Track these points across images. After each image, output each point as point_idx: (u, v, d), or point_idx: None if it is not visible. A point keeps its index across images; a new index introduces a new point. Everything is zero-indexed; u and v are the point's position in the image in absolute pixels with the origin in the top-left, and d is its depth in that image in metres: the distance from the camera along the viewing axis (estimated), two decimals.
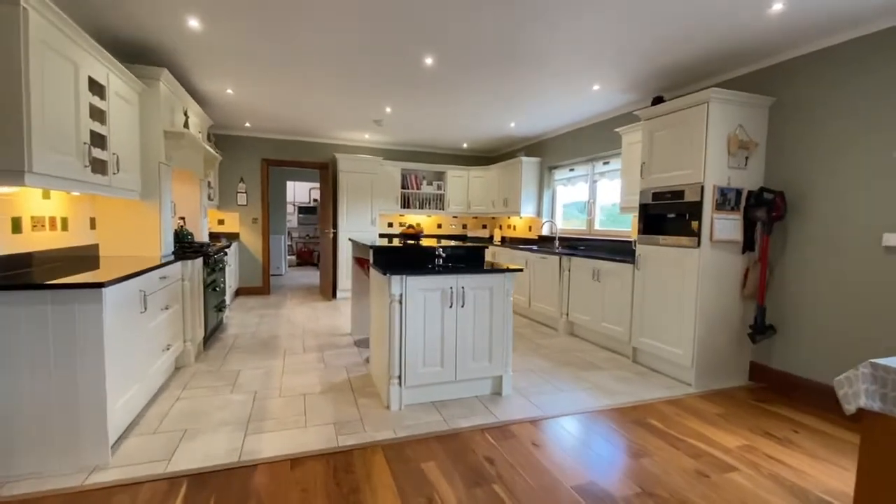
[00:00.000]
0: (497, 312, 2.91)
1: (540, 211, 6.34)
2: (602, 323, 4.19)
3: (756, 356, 3.41)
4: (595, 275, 4.27)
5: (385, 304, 2.76)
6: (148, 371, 2.63)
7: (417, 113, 5.11)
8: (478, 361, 2.90)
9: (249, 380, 3.18)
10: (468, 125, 5.67)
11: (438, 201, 7.31)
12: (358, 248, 4.38)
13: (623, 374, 3.48)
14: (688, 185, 3.26)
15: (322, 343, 4.17)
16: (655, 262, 3.55)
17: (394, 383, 2.71)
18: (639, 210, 3.72)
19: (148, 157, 3.31)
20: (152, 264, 2.74)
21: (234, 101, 4.83)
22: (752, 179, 3.31)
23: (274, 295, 6.79)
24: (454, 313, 2.81)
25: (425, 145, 7.16)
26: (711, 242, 3.19)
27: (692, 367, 3.24)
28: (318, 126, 5.96)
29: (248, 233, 6.68)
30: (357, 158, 6.41)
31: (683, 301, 3.30)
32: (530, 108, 4.83)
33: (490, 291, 2.89)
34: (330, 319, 5.16)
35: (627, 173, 4.29)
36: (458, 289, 2.80)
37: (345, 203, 6.39)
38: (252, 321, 5.01)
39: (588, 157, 5.43)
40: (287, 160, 6.74)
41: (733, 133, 3.20)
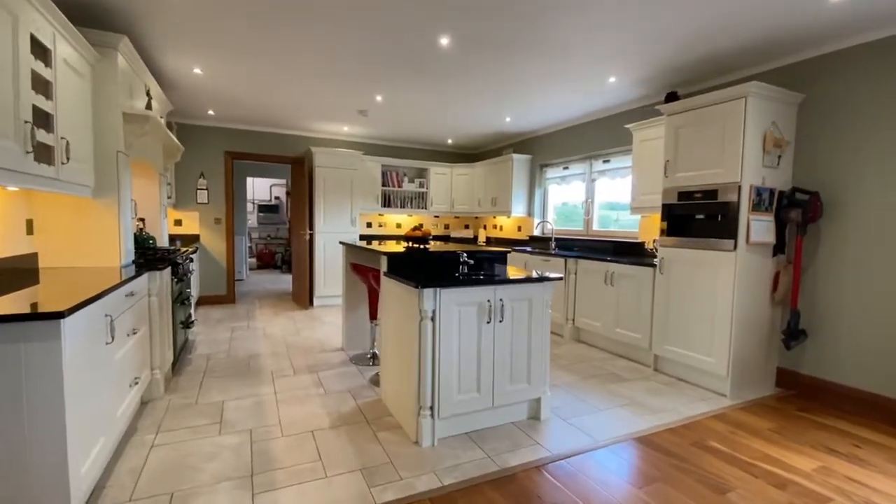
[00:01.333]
0: (536, 326, 2.57)
1: (531, 211, 6.08)
2: (616, 329, 3.97)
3: (784, 362, 3.30)
4: (608, 278, 4.04)
5: (413, 322, 2.34)
6: (115, 416, 2.06)
7: (410, 103, 4.68)
8: (515, 384, 2.55)
9: (238, 414, 2.65)
10: (460, 118, 5.30)
11: (420, 200, 6.89)
12: (356, 253, 3.89)
13: (652, 386, 3.25)
14: (722, 184, 3.07)
15: (313, 362, 3.66)
16: (683, 265, 3.35)
17: (425, 415, 2.30)
18: (662, 210, 3.51)
19: (104, 145, 2.68)
20: (113, 278, 2.16)
21: (200, 84, 4.17)
22: (782, 179, 3.19)
23: (241, 304, 6.10)
24: (491, 330, 2.44)
25: (407, 140, 6.71)
26: (747, 245, 3.02)
27: (727, 377, 3.06)
28: (293, 116, 5.37)
29: (210, 234, 5.95)
30: (336, 153, 5.87)
31: (717, 307, 3.11)
32: (532, 101, 4.53)
33: (529, 303, 2.54)
34: (314, 332, 4.61)
35: (640, 172, 4.09)
36: (496, 302, 2.43)
37: (322, 201, 5.83)
38: (223, 337, 4.37)
39: (586, 155, 5.23)
40: (254, 153, 6.07)
41: (769, 130, 3.04)
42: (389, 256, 2.71)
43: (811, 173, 3.13)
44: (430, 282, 2.24)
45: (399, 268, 2.74)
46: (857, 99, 2.91)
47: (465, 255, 2.74)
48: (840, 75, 2.99)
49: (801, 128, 3.19)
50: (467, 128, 5.79)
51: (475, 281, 2.35)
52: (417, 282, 2.22)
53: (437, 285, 2.24)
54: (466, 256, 2.74)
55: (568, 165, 5.56)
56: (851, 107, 2.94)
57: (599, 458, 2.23)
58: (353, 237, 6.03)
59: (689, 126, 3.30)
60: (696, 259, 3.24)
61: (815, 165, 3.11)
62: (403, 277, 2.38)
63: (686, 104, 3.29)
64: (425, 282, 2.22)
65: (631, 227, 4.72)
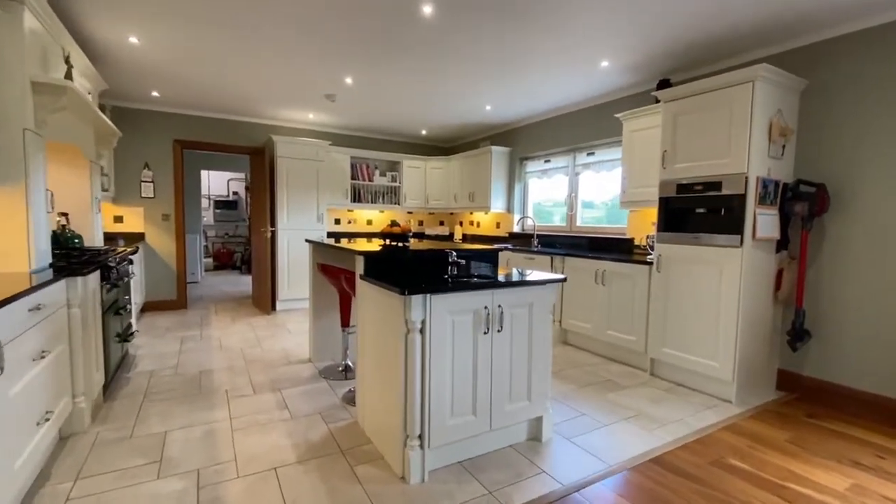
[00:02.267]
0: (537, 335, 2.25)
1: (510, 206, 5.79)
2: (608, 331, 3.73)
3: (784, 363, 3.13)
4: (598, 277, 3.79)
5: (397, 334, 1.96)
6: (12, 470, 1.58)
7: (384, 87, 4.26)
8: (516, 402, 2.22)
9: (184, 449, 2.19)
10: (438, 107, 4.93)
11: (393, 195, 6.47)
12: (324, 252, 3.46)
13: (653, 394, 3.01)
14: (727, 175, 2.85)
15: (276, 377, 3.21)
16: (682, 263, 3.12)
17: (413, 446, 1.93)
18: (658, 204, 3.28)
19: (6, 119, 2.15)
20: (15, 287, 1.67)
21: (139, 58, 3.61)
22: (785, 171, 3.01)
23: (193, 309, 5.50)
24: (489, 341, 2.09)
25: (379, 131, 6.27)
26: (753, 241, 2.82)
27: (733, 383, 2.85)
28: (251, 101, 4.84)
29: (158, 233, 5.32)
30: (300, 142, 5.36)
31: (721, 308, 2.90)
32: (517, 87, 4.22)
33: (530, 309, 2.22)
34: (277, 341, 4.14)
35: (630, 164, 3.86)
36: (493, 308, 2.08)
37: (285, 196, 5.32)
38: (171, 349, 3.83)
39: (569, 148, 4.98)
40: (208, 142, 5.47)
41: (775, 118, 2.85)
42: (366, 256, 2.32)
43: (814, 164, 2.97)
44: (418, 287, 1.87)
45: (377, 270, 2.35)
46: (861, 86, 2.76)
47: (454, 255, 2.38)
48: (843, 61, 2.83)
49: (803, 116, 3.02)
50: (444, 118, 5.42)
51: (471, 285, 1.99)
52: (403, 287, 1.84)
53: (426, 290, 1.87)
54: (456, 255, 2.38)
55: (549, 158, 5.30)
56: (855, 94, 2.78)
57: (615, 487, 1.93)
58: (319, 235, 5.55)
59: (689, 113, 3.07)
60: (698, 256, 3.02)
61: (819, 156, 2.95)
62: (385, 281, 2.00)
63: (687, 89, 3.05)
64: (412, 287, 1.85)
65: (615, 221, 4.50)
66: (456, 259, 2.37)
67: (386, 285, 1.96)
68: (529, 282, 2.15)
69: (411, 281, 2.00)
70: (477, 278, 2.26)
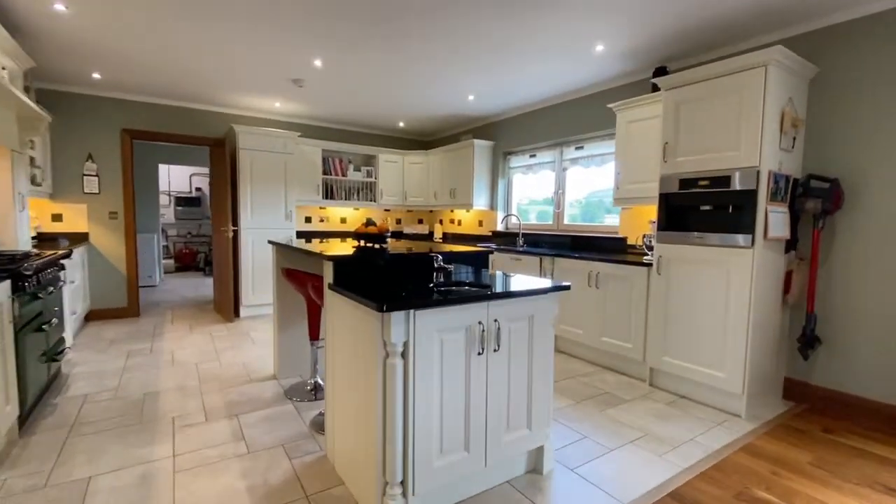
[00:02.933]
0: (539, 352, 1.93)
1: (494, 203, 5.49)
2: (602, 338, 3.46)
3: (791, 371, 2.93)
4: (592, 279, 3.52)
5: (373, 358, 1.61)
6: None
7: (357, 72, 3.87)
8: (514, 431, 1.90)
9: (109, 500, 1.78)
10: (417, 96, 4.57)
11: (368, 191, 6.07)
12: (289, 255, 3.06)
13: (656, 409, 2.75)
14: (737, 169, 2.61)
15: (234, 398, 2.80)
16: (685, 264, 2.87)
17: (393, 496, 1.59)
18: (659, 201, 3.02)
19: None
20: None
21: (70, 31, 3.11)
22: (794, 165, 2.79)
23: (147, 317, 4.98)
24: (483, 363, 1.76)
25: (353, 122, 5.86)
26: (765, 240, 2.58)
27: (743, 395, 2.62)
28: (210, 85, 4.36)
29: (104, 232, 4.77)
30: (265, 133, 4.91)
31: (729, 313, 2.66)
32: (504, 73, 3.90)
33: (530, 322, 1.90)
34: (239, 353, 3.71)
35: (624, 158, 3.60)
36: (489, 324, 1.76)
37: (248, 191, 4.86)
38: (114, 366, 3.36)
39: (555, 141, 4.70)
40: (162, 133, 4.94)
41: (787, 107, 2.62)
42: (336, 262, 1.95)
43: (824, 158, 2.76)
44: (399, 300, 1.52)
45: (350, 277, 1.98)
46: (876, 73, 2.55)
47: (440, 258, 2.04)
48: (856, 47, 2.62)
49: (812, 106, 2.81)
50: (423, 108, 5.06)
51: (463, 296, 1.66)
52: (380, 301, 1.49)
53: (409, 305, 1.53)
54: (442, 259, 2.04)
55: (535, 153, 5.01)
56: (870, 82, 2.57)
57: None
58: (288, 234, 5.11)
59: (693, 101, 2.81)
60: (703, 257, 2.77)
61: (830, 149, 2.74)
62: (359, 293, 1.64)
63: (691, 75, 2.79)
64: (391, 300, 1.50)
65: (590, 219, 4.25)
66: (442, 264, 2.03)
67: (360, 299, 1.61)
68: (531, 291, 1.83)
69: (390, 292, 1.65)
70: (468, 286, 1.93)
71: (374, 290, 1.68)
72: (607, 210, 4.38)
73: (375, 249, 2.26)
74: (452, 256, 2.29)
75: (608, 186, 4.34)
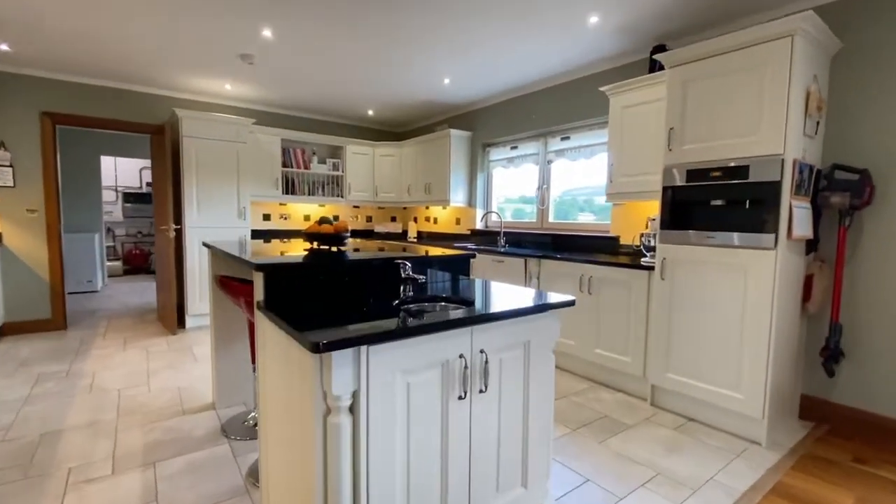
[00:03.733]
0: (537, 389, 1.50)
1: (472, 200, 5.05)
2: (596, 350, 3.07)
3: (807, 387, 2.61)
4: (584, 284, 3.12)
5: (310, 414, 1.13)
6: None
7: (315, 45, 3.35)
8: (505, 492, 1.46)
9: None
10: (386, 78, 4.07)
11: (335, 186, 5.54)
12: (222, 260, 2.53)
13: (663, 435, 2.37)
14: (756, 158, 2.24)
15: (157, 439, 2.26)
16: (693, 267, 2.50)
17: None
18: (662, 195, 2.64)
19: None
20: None
21: None
22: (817, 153, 2.45)
23: (76, 329, 4.32)
24: (466, 409, 1.31)
25: (316, 110, 5.30)
26: (788, 240, 2.23)
27: (763, 419, 2.26)
28: (148, 63, 3.75)
29: (20, 232, 4.09)
30: (212, 119, 4.32)
31: (747, 323, 2.30)
32: (485, 53, 3.46)
33: (525, 350, 1.46)
34: (175, 374, 3.15)
35: (618, 148, 3.21)
36: (473, 356, 1.30)
37: (194, 185, 4.26)
38: (14, 395, 2.75)
39: (539, 131, 4.30)
40: (91, 118, 4.29)
41: (812, 86, 2.26)
42: (268, 271, 1.46)
43: (849, 147, 2.43)
44: (344, 333, 1.05)
45: (287, 293, 1.50)
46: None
47: (408, 266, 1.58)
48: (885, 18, 2.30)
49: (834, 86, 2.48)
50: (394, 94, 4.57)
51: (436, 322, 1.20)
52: (316, 335, 1.01)
53: (359, 340, 1.06)
54: (411, 267, 1.58)
55: (517, 144, 4.60)
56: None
57: None
58: (241, 234, 4.54)
59: (704, 79, 2.43)
60: (715, 259, 2.41)
61: (855, 136, 2.41)
62: (289, 319, 1.16)
63: (702, 48, 2.41)
64: (332, 334, 1.03)
65: (563, 216, 3.87)
66: (411, 273, 1.57)
67: (289, 329, 1.13)
68: (527, 309, 1.39)
69: (336, 315, 1.17)
70: (445, 302, 1.48)
71: (314, 315, 1.21)
72: (581, 209, 4.04)
73: (327, 254, 1.78)
74: (425, 262, 1.82)
75: (583, 185, 3.98)
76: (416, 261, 1.79)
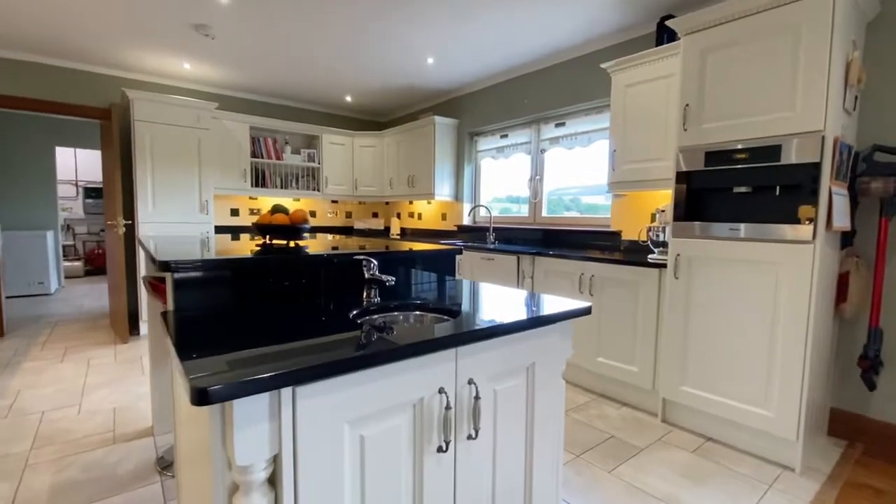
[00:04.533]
0: (543, 425, 1.13)
1: (459, 193, 4.68)
2: (598, 358, 2.73)
3: (837, 400, 2.30)
4: (584, 284, 2.78)
5: (210, 494, 0.74)
6: None
7: (279, 14, 2.94)
8: None
9: None
10: (362, 57, 3.68)
11: (310, 179, 5.11)
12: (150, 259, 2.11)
13: (680, 460, 2.03)
14: (792, 136, 1.91)
15: (71, 478, 1.84)
16: (713, 265, 2.17)
17: None
18: (676, 181, 2.30)
19: None
20: None
21: None
22: (853, 132, 2.14)
23: (14, 337, 3.84)
24: (450, 463, 0.94)
25: (288, 95, 4.87)
26: (827, 232, 1.91)
27: (798, 442, 1.94)
28: (91, 37, 3.29)
29: None
30: (168, 101, 3.87)
31: (779, 330, 1.97)
32: (466, 30, 3.09)
33: (528, 376, 1.09)
34: (114, 392, 2.71)
35: (622, 132, 2.87)
36: (459, 391, 0.93)
37: (149, 176, 3.81)
38: None
39: (532, 117, 3.94)
40: (24, 99, 3.80)
41: (854, 54, 1.94)
42: (178, 270, 1.07)
43: (886, 126, 2.12)
44: (262, 366, 0.67)
45: (210, 300, 1.11)
46: None
47: (374, 265, 1.20)
48: None
49: (871, 56, 2.17)
50: (373, 76, 4.17)
51: (406, 347, 0.82)
52: (209, 378, 0.63)
53: (278, 380, 0.67)
54: (377, 265, 1.20)
55: (507, 132, 4.24)
56: None
57: None
58: (204, 230, 4.10)
59: (727, 47, 2.10)
60: (740, 255, 2.08)
61: (892, 114, 2.10)
62: (183, 342, 0.78)
63: (726, 9, 2.07)
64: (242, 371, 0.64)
65: (551, 210, 3.54)
66: (375, 274, 1.19)
67: (176, 356, 0.74)
68: (532, 321, 1.02)
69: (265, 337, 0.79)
70: (421, 311, 1.11)
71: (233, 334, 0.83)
72: (566, 207, 3.73)
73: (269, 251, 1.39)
74: (399, 259, 1.45)
75: (568, 185, 3.65)
76: (386, 257, 1.41)
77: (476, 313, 1.08)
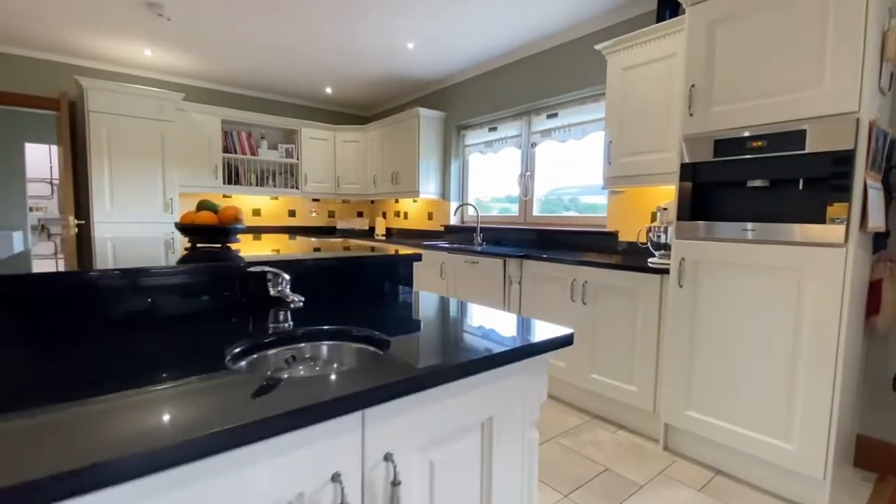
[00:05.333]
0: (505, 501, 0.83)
1: (446, 191, 4.38)
2: (592, 375, 2.43)
3: (868, 427, 2.00)
4: (576, 291, 2.48)
5: None
6: None
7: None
8: None
9: None
10: (339, 42, 3.37)
11: (289, 175, 4.81)
12: None
13: (687, 500, 1.73)
14: (820, 119, 1.61)
15: None
16: (725, 270, 1.87)
17: None
18: (681, 175, 2.00)
19: None
20: None
21: None
22: (886, 117, 1.84)
23: None
24: None
25: (264, 87, 4.57)
26: (860, 233, 1.61)
27: (825, 480, 1.64)
28: (37, 19, 2.99)
29: None
30: (127, 90, 3.56)
31: (802, 347, 1.67)
32: (446, 11, 2.78)
33: (483, 436, 0.79)
34: None
35: (619, 121, 2.57)
36: (367, 474, 0.63)
37: (105, 171, 3.51)
38: None
39: (522, 109, 3.65)
40: None
41: (889, 24, 1.64)
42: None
43: None
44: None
45: (52, 324, 0.81)
46: None
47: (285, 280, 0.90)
48: None
49: None
50: (352, 65, 3.87)
51: (263, 421, 0.52)
52: None
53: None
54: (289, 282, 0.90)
55: (496, 125, 3.94)
56: None
57: None
58: (168, 231, 3.79)
59: (740, 17, 1.80)
60: (757, 260, 1.78)
61: None
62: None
63: None
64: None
65: (545, 210, 3.24)
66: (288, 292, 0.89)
67: None
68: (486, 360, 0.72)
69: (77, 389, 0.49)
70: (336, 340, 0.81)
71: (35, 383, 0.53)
72: (566, 207, 3.44)
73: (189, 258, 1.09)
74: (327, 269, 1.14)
75: (568, 185, 3.36)
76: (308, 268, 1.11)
77: (416, 344, 0.79)
